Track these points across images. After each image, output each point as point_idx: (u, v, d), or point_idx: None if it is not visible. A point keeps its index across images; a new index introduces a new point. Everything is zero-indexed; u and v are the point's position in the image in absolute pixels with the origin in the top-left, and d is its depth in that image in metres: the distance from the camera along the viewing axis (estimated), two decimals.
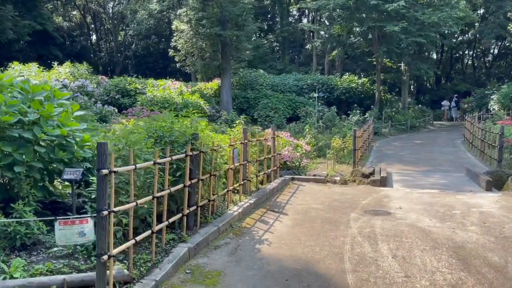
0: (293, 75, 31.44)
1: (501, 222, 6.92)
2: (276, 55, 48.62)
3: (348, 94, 29.28)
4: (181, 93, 24.28)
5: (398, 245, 5.81)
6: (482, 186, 9.95)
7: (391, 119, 26.80)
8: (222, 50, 25.90)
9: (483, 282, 4.77)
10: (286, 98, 26.61)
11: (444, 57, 53.47)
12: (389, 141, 22.14)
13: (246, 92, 27.82)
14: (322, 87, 29.27)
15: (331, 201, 8.40)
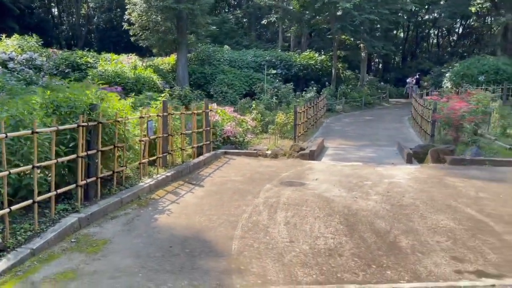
0: (253, 51, 31.29)
1: (404, 191, 7.28)
2: (242, 31, 48.12)
3: (305, 71, 29.46)
4: (135, 67, 23.81)
5: (296, 213, 6.04)
6: (405, 159, 10.36)
7: (346, 96, 27.23)
8: (178, 24, 25.42)
9: (361, 246, 5.05)
10: (243, 74, 26.56)
11: (409, 35, 54.27)
12: (341, 118, 22.57)
13: (203, 68, 27.55)
14: (281, 63, 29.33)
15: (253, 174, 8.58)
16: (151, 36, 25.61)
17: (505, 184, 7.75)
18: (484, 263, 4.77)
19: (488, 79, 28.25)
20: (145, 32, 25.96)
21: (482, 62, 29.80)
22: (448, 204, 6.60)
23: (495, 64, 29.24)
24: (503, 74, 28.56)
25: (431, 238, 5.34)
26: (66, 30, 49.82)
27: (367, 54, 33.45)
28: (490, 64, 29.14)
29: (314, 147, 10.89)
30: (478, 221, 5.95)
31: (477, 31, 49.83)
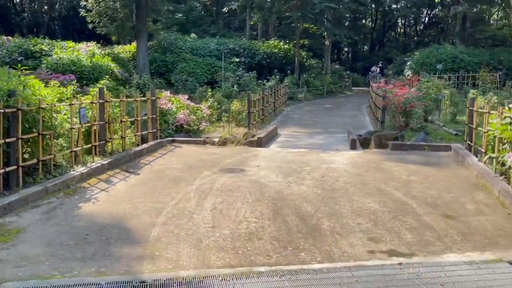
0: (216, 39, 31.02)
1: (339, 176, 7.41)
2: (210, 19, 47.57)
3: (269, 60, 29.46)
4: (93, 55, 23.22)
5: (225, 199, 6.06)
6: (349, 145, 10.55)
7: (308, 85, 27.44)
8: (137, 11, 24.87)
9: (282, 229, 5.12)
10: (206, 62, 26.32)
11: (377, 24, 55.01)
12: (301, 106, 22.76)
13: (165, 56, 27.14)
14: (244, 52, 29.22)
15: (195, 161, 8.55)
16: (109, 23, 24.96)
17: (436, 168, 8.01)
18: (398, 243, 4.93)
19: (445, 67, 29.05)
20: (103, 19, 25.28)
21: (440, 51, 30.59)
22: (378, 188, 6.77)
23: (452, 53, 30.07)
24: (460, 62, 29.43)
25: (353, 221, 5.47)
26: (27, 18, 47.92)
27: (331, 42, 33.75)
28: (447, 53, 29.95)
29: (262, 135, 10.95)
30: (403, 203, 6.13)
31: (442, 20, 50.93)
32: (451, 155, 9.19)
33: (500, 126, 6.94)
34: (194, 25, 41.48)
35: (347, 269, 4.22)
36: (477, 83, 24.94)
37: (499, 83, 26.50)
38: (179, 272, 4.05)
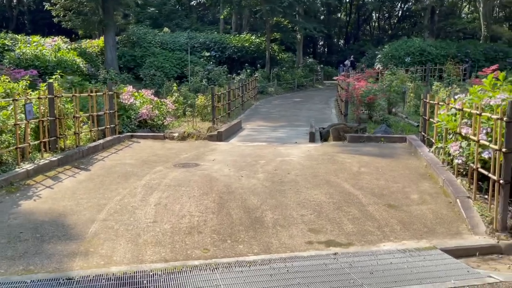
0: (187, 33, 30.73)
1: (292, 169, 7.46)
2: (183, 13, 47.07)
3: (240, 54, 29.39)
4: (58, 50, 22.69)
5: (172, 194, 6.03)
6: (308, 138, 10.64)
7: (279, 79, 27.51)
8: (103, 5, 24.40)
9: (224, 222, 5.13)
10: (175, 57, 26.07)
11: (352, 18, 55.43)
12: (271, 100, 22.80)
13: (134, 50, 26.74)
14: (215, 45, 29.05)
15: (150, 157, 8.46)
16: (75, 17, 24.41)
17: (389, 159, 8.15)
18: (338, 233, 5.01)
19: (414, 60, 29.58)
20: (68, 13, 24.71)
21: (409, 44, 31.09)
22: (328, 180, 6.85)
23: (420, 46, 30.60)
24: (428, 55, 30.01)
25: (297, 212, 5.52)
26: None
27: (302, 36, 33.87)
28: (416, 46, 30.47)
29: (223, 129, 10.92)
30: (349, 194, 6.22)
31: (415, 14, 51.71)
32: (405, 146, 9.37)
33: (446, 117, 7.11)
34: (167, 19, 41.04)
35: (282, 260, 4.27)
36: (443, 75, 25.51)
37: (465, 75, 27.15)
38: (110, 268, 4.01)
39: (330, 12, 51.99)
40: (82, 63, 21.57)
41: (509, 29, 47.40)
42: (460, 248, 4.77)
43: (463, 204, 5.71)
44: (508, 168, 5.06)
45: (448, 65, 25.80)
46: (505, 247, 4.85)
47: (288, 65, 31.47)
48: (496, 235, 5.03)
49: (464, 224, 5.34)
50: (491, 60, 31.59)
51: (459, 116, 6.63)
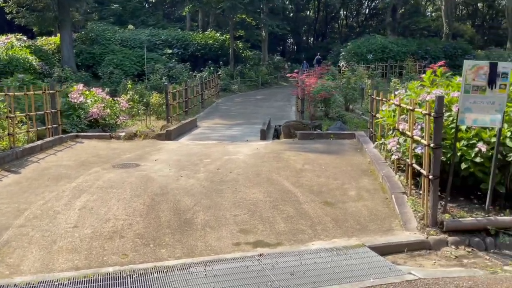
0: (148, 30, 30.12)
1: (235, 167, 7.31)
2: (149, 10, 46.19)
3: (203, 51, 29.05)
4: (11, 47, 21.79)
5: (102, 196, 5.76)
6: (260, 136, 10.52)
7: (243, 76, 27.35)
8: (58, 1, 23.56)
9: (151, 226, 4.92)
10: (136, 54, 25.48)
11: (320, 16, 55.77)
12: (233, 98, 22.62)
13: (92, 48, 25.96)
14: (177, 43, 28.58)
15: (91, 157, 8.14)
16: (28, 14, 23.48)
17: (334, 156, 8.12)
18: (269, 233, 4.88)
19: (376, 57, 30.01)
20: (22, 10, 23.75)
21: (371, 41, 31.53)
22: (269, 178, 6.73)
23: (382, 43, 31.08)
24: (389, 52, 30.51)
25: (230, 213, 5.37)
26: None
27: (267, 34, 33.81)
28: (378, 43, 30.92)
29: (173, 127, 10.66)
30: (288, 192, 6.12)
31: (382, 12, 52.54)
32: (354, 142, 9.38)
33: (386, 113, 7.11)
34: (132, 16, 40.23)
35: (203, 264, 4.10)
36: (404, 72, 25.97)
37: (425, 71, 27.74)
38: (14, 278, 3.75)
39: (298, 10, 52.23)
40: (35, 61, 20.77)
41: (472, 26, 48.91)
42: (389, 245, 4.74)
43: (397, 200, 5.70)
44: (437, 163, 5.07)
45: (408, 62, 26.29)
46: (433, 242, 4.85)
47: (253, 63, 31.32)
48: (426, 230, 5.03)
49: (397, 220, 5.32)
50: (450, 57, 32.46)
51: (397, 112, 6.64)
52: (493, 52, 35.07)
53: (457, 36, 41.15)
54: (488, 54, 34.03)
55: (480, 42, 44.95)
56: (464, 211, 5.38)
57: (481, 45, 42.39)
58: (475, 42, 43.61)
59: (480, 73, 5.06)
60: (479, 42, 45.01)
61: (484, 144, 5.41)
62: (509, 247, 4.84)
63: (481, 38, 47.43)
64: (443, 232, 4.98)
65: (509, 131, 5.41)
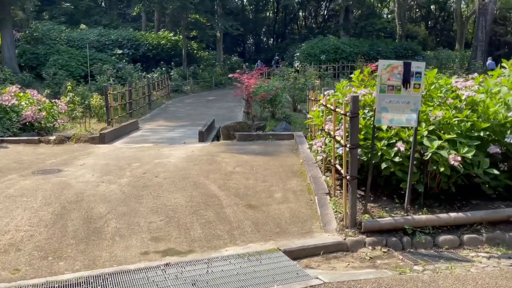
0: (98, 29, 29.16)
1: (163, 171, 7.05)
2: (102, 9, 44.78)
3: (155, 51, 28.44)
4: None
5: (8, 205, 5.37)
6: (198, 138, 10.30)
7: (196, 77, 26.98)
8: None
9: (55, 236, 4.60)
10: (83, 55, 24.53)
11: (279, 17, 55.95)
12: (185, 99, 22.24)
13: (36, 48, 24.81)
14: (128, 43, 27.84)
15: (11, 163, 7.64)
16: None
17: (268, 157, 8.01)
18: (183, 240, 4.68)
19: (329, 57, 30.43)
20: None
21: (324, 42, 31.96)
22: (197, 181, 6.53)
23: (335, 44, 31.56)
24: (342, 53, 31.01)
25: (146, 219, 5.13)
26: None
27: (222, 34, 33.58)
28: (330, 44, 31.37)
29: (108, 130, 10.26)
30: (212, 196, 5.93)
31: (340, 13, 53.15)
32: (291, 143, 9.32)
33: (315, 113, 7.07)
34: (84, 15, 38.88)
35: (102, 276, 3.84)
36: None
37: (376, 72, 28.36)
38: None
39: (257, 11, 52.24)
40: None
41: (425, 28, 50.55)
42: (305, 248, 4.65)
43: (320, 202, 5.64)
44: (354, 163, 5.03)
45: (359, 62, 26.81)
46: (351, 243, 4.80)
47: (207, 63, 30.98)
48: (345, 232, 4.98)
49: (318, 222, 5.25)
50: (401, 57, 33.39)
51: (325, 112, 6.60)
52: (441, 53, 36.31)
53: (411, 37, 42.36)
54: (436, 54, 35.22)
55: (433, 44, 46.48)
56: (385, 211, 5.38)
57: (433, 46, 43.84)
58: (428, 43, 45.10)
59: (395, 73, 5.07)
60: (432, 43, 46.55)
61: (403, 144, 5.43)
62: (425, 245, 4.86)
63: (434, 40, 49.09)
64: (362, 233, 4.95)
65: (427, 130, 5.45)
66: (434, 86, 6.33)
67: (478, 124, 5.50)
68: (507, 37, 38.52)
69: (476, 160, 5.32)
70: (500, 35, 38.84)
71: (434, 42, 47.85)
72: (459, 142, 5.30)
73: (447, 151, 5.19)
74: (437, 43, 48.08)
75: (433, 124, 5.56)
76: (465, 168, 5.25)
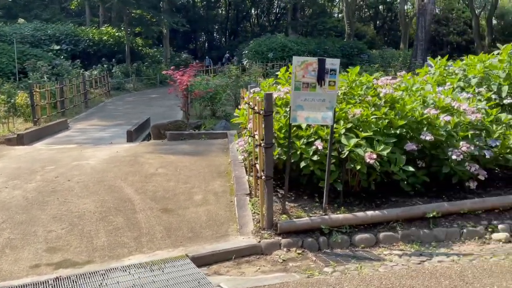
0: (33, 24, 27.53)
1: (79, 174, 6.60)
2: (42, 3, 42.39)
3: (96, 47, 27.26)
4: None
5: None
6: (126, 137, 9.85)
7: (140, 74, 26.14)
8: None
9: None
10: (16, 50, 23.02)
11: (231, 14, 55.46)
12: (126, 97, 21.47)
13: None
14: (67, 38, 26.49)
15: None
16: None
17: (197, 157, 7.73)
18: (83, 250, 4.32)
19: (276, 55, 30.50)
20: None
21: (272, 40, 32.00)
22: (112, 185, 6.14)
23: (282, 42, 31.68)
24: (289, 51, 31.15)
25: (46, 228, 4.71)
26: None
27: (168, 30, 32.81)
28: (278, 42, 31.46)
29: (27, 131, 9.60)
30: (127, 200, 5.58)
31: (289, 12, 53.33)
32: (225, 142, 9.09)
33: (241, 111, 6.87)
34: (23, 9, 36.74)
35: None
36: None
37: None
38: None
39: (209, 8, 51.52)
40: None
41: (374, 28, 51.93)
42: (216, 253, 4.41)
43: (239, 203, 5.44)
44: (270, 163, 4.85)
45: None
46: (265, 246, 4.62)
47: (153, 60, 30.10)
48: (261, 234, 4.80)
49: (235, 224, 5.04)
50: (347, 56, 34.10)
51: (249, 110, 6.41)
52: (386, 52, 37.41)
53: (359, 36, 43.33)
54: (381, 53, 36.25)
55: (381, 43, 47.78)
56: (304, 211, 5.26)
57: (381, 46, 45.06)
58: (376, 43, 46.35)
59: (309, 70, 4.93)
60: (380, 42, 47.87)
61: (322, 142, 5.33)
62: (342, 245, 4.78)
63: (382, 39, 50.53)
64: (278, 234, 4.79)
65: (344, 128, 5.39)
66: (355, 83, 6.31)
67: (395, 122, 5.50)
68: (450, 37, 40.36)
69: (393, 157, 5.32)
70: (443, 35, 40.62)
71: (382, 42, 49.28)
72: (376, 139, 5.28)
73: (363, 149, 5.14)
74: (385, 43, 49.57)
75: (351, 122, 5.52)
76: (382, 166, 5.24)
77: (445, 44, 40.49)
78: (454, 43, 40.21)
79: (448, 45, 40.41)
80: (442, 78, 7.93)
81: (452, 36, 40.27)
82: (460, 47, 38.47)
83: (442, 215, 5.16)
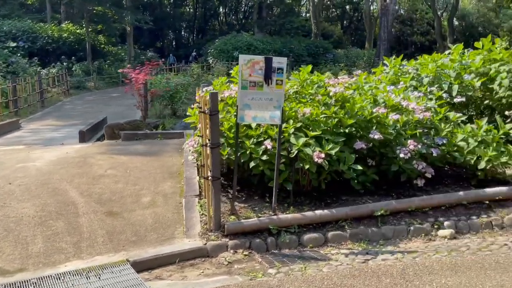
0: None
1: (21, 177, 6.29)
2: None
3: (55, 45, 26.35)
4: None
5: None
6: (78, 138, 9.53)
7: (102, 72, 25.48)
8: None
9: None
10: None
11: (199, 12, 54.82)
12: (86, 95, 20.86)
13: None
14: (23, 35, 25.48)
15: None
16: None
17: (149, 158, 7.52)
18: (16, 257, 4.09)
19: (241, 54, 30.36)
20: None
21: (237, 38, 31.87)
22: (57, 187, 5.87)
23: (248, 40, 31.61)
24: (255, 50, 31.11)
25: None
26: None
27: (132, 28, 32.12)
28: (244, 41, 31.37)
29: None
30: (70, 203, 5.34)
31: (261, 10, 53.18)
32: (181, 142, 8.90)
33: (194, 110, 6.73)
34: None
35: None
36: None
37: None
38: None
39: (176, 5, 50.77)
40: None
41: (341, 27, 52.56)
42: (159, 257, 4.28)
43: (187, 204, 5.32)
44: (216, 163, 4.75)
45: None
46: (211, 248, 4.52)
47: (115, 58, 29.39)
48: (208, 236, 4.69)
49: (182, 226, 4.91)
50: (313, 55, 34.40)
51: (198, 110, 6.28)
52: (351, 51, 37.96)
53: (326, 36, 43.68)
54: (346, 53, 36.73)
55: (348, 42, 48.40)
56: (253, 211, 5.19)
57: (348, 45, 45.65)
58: (343, 42, 46.90)
59: (256, 69, 4.86)
60: (347, 42, 48.50)
61: (271, 141, 5.27)
62: (290, 245, 4.73)
63: (348, 39, 51.22)
64: (225, 236, 4.69)
65: (294, 127, 5.35)
66: (306, 82, 6.30)
67: (345, 121, 5.51)
68: (414, 37, 41.35)
69: (342, 156, 5.32)
70: (407, 35, 41.56)
71: (349, 41, 49.97)
72: (325, 139, 5.27)
73: (312, 148, 5.12)
74: (351, 42, 50.28)
75: (301, 121, 5.49)
76: (331, 165, 5.23)
77: (409, 44, 41.45)
78: (418, 43, 41.21)
79: (412, 45, 41.38)
80: (396, 77, 8.05)
81: (416, 36, 41.27)
82: (423, 47, 39.45)
83: (390, 213, 5.19)
